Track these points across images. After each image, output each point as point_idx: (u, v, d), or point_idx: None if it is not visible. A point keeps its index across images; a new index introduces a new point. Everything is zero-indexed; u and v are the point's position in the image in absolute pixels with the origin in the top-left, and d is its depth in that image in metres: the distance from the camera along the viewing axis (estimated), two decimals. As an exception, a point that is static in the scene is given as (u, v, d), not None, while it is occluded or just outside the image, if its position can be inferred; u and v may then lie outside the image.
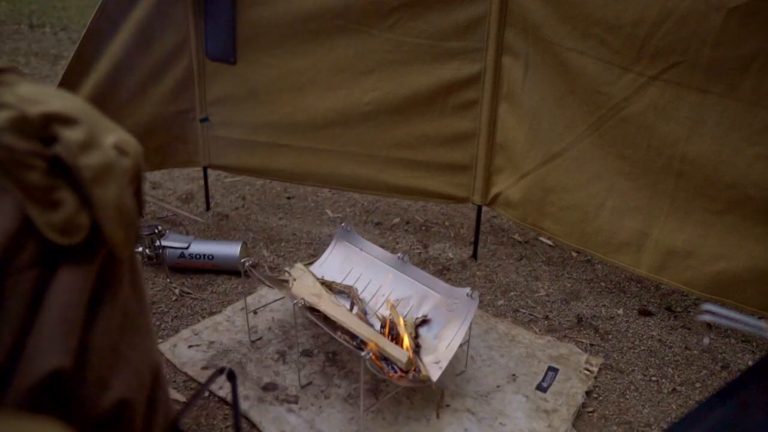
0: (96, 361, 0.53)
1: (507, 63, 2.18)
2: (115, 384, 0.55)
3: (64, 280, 0.52)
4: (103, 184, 0.51)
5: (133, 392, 0.57)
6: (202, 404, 1.71)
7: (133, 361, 0.58)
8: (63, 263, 0.52)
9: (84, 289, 0.53)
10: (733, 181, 1.74)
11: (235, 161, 2.66)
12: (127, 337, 0.57)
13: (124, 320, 0.57)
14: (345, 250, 2.05)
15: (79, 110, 0.53)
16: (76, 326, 0.52)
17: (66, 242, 0.51)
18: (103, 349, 0.54)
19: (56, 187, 0.50)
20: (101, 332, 0.54)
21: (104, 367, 0.54)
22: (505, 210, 2.37)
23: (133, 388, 0.57)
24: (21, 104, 0.49)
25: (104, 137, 0.53)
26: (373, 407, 1.67)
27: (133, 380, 0.57)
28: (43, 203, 0.49)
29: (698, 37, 1.68)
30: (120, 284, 0.57)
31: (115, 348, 0.56)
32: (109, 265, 0.56)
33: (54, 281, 0.52)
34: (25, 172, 0.49)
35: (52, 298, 0.51)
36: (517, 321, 2.14)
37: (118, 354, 0.56)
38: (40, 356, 0.50)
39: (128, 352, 0.57)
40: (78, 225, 0.51)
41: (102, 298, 0.55)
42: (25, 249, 0.50)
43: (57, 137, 0.50)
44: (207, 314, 2.11)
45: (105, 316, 0.55)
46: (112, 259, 0.56)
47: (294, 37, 2.34)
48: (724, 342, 2.06)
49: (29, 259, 0.50)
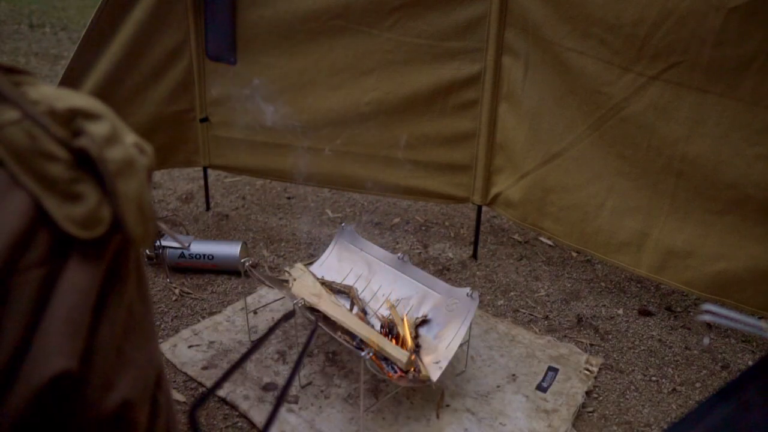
0: (101, 362, 0.53)
1: (507, 63, 2.18)
2: (119, 385, 0.55)
3: (71, 280, 0.52)
4: (126, 178, 0.52)
5: (137, 393, 0.57)
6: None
7: (138, 362, 0.58)
8: (71, 262, 0.52)
9: (91, 290, 0.53)
10: (733, 181, 1.74)
11: (235, 161, 2.66)
12: (132, 338, 0.57)
13: (130, 321, 0.57)
14: (345, 250, 2.05)
15: (102, 108, 0.54)
16: (82, 327, 0.52)
17: (86, 236, 0.51)
18: (108, 349, 0.54)
19: (79, 179, 0.50)
20: (107, 333, 0.54)
21: (109, 367, 0.54)
22: (505, 210, 2.37)
23: (137, 389, 0.57)
24: (47, 100, 0.50)
25: (125, 135, 0.54)
26: (373, 407, 1.67)
27: (138, 381, 0.57)
28: (64, 196, 0.49)
29: (698, 37, 1.68)
30: (126, 285, 0.57)
31: (120, 349, 0.56)
32: (115, 265, 0.56)
33: (61, 281, 0.52)
34: (48, 164, 0.49)
35: (59, 298, 0.51)
36: (517, 321, 2.14)
37: (122, 355, 0.56)
38: (46, 358, 0.50)
39: (133, 353, 0.57)
40: (99, 218, 0.51)
41: (108, 299, 0.55)
42: (34, 247, 0.50)
43: (82, 130, 0.51)
44: (207, 314, 2.11)
45: (111, 317, 0.55)
46: (119, 260, 0.56)
47: (294, 37, 2.34)
48: (724, 342, 2.06)
49: (37, 258, 0.50)
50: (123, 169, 0.52)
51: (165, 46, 2.40)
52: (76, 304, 0.52)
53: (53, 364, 0.49)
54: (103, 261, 0.54)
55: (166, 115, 2.51)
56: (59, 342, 0.50)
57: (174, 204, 2.95)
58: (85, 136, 0.51)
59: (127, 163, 0.52)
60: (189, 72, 2.49)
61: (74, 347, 0.51)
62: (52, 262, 0.51)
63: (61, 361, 0.50)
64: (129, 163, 0.52)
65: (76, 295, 0.52)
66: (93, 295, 0.53)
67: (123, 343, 0.56)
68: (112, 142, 0.51)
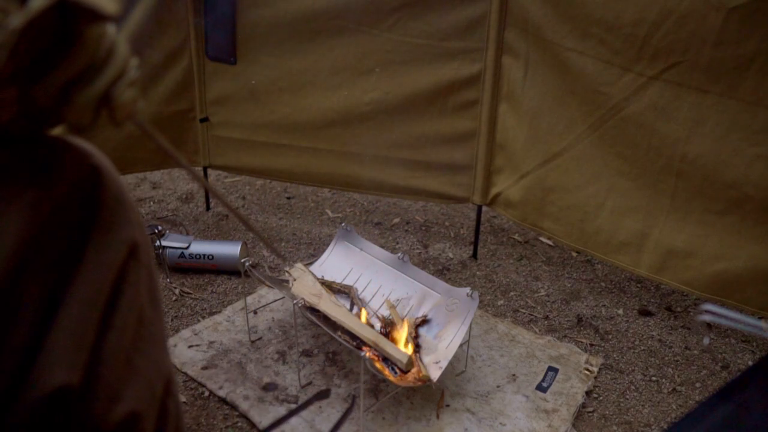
0: (107, 373, 0.52)
1: (507, 63, 2.18)
2: (126, 396, 0.53)
3: (78, 290, 0.51)
4: None
5: (144, 404, 0.55)
6: (201, 404, 1.71)
7: (146, 372, 0.56)
8: (80, 269, 0.52)
9: (98, 300, 0.52)
10: (733, 181, 1.74)
11: (235, 161, 2.66)
12: (141, 346, 0.56)
13: (140, 328, 0.56)
14: (345, 250, 2.06)
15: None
16: (86, 340, 0.50)
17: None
18: (116, 360, 0.53)
19: None
20: (115, 342, 0.53)
21: (116, 379, 0.53)
22: (505, 210, 2.37)
23: (145, 400, 0.55)
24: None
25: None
26: (373, 407, 1.67)
27: (145, 392, 0.56)
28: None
29: (698, 37, 1.68)
30: (138, 291, 0.56)
31: (129, 359, 0.54)
32: (127, 270, 0.55)
33: (68, 290, 0.51)
34: None
35: (65, 309, 0.50)
36: (517, 321, 2.14)
37: (130, 365, 0.54)
38: (50, 371, 0.49)
39: (141, 363, 0.56)
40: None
41: (118, 304, 0.54)
42: (41, 254, 0.50)
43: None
44: (207, 314, 2.11)
45: (120, 325, 0.54)
46: (131, 264, 0.55)
47: (294, 37, 2.34)
48: (724, 342, 2.06)
49: (44, 265, 0.50)
50: None
51: (165, 46, 2.40)
52: (83, 315, 0.51)
53: (56, 377, 0.48)
54: (113, 266, 0.53)
55: (166, 115, 2.52)
56: (61, 356, 0.49)
57: (174, 204, 2.95)
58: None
59: None
60: (189, 72, 2.49)
61: (78, 360, 0.50)
62: (60, 269, 0.50)
63: (63, 375, 0.49)
64: None
65: (82, 306, 0.51)
66: (101, 303, 0.52)
67: (131, 353, 0.54)
68: None
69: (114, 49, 0.54)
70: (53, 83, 0.51)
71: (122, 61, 0.55)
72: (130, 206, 0.59)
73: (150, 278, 0.59)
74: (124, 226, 0.56)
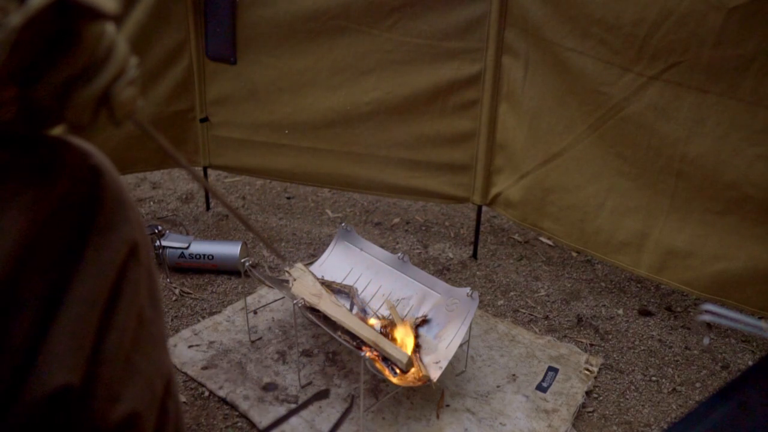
0: (107, 374, 0.52)
1: (507, 63, 2.18)
2: (126, 396, 0.53)
3: (78, 290, 0.51)
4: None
5: (144, 404, 0.55)
6: (201, 404, 1.71)
7: (146, 372, 0.56)
8: (80, 268, 0.51)
9: (98, 300, 0.52)
10: (733, 181, 1.74)
11: (235, 161, 2.66)
12: (141, 346, 0.56)
13: (139, 329, 0.56)
14: (345, 250, 2.06)
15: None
16: (86, 340, 0.50)
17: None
18: (116, 360, 0.53)
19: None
20: (115, 342, 0.53)
21: (116, 379, 0.53)
22: (505, 210, 2.37)
23: (145, 400, 0.55)
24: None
25: None
26: (373, 407, 1.67)
27: (145, 392, 0.56)
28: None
29: (698, 37, 1.68)
30: (137, 291, 0.56)
31: (128, 359, 0.54)
32: (127, 269, 0.55)
33: (68, 290, 0.51)
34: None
35: (65, 309, 0.50)
36: (517, 321, 2.14)
37: (130, 365, 0.54)
38: (49, 371, 0.49)
39: (141, 363, 0.56)
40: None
41: (118, 305, 0.54)
42: (41, 254, 0.50)
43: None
44: (207, 314, 2.11)
45: (120, 325, 0.54)
46: (131, 264, 0.55)
47: (294, 37, 2.34)
48: (724, 342, 2.06)
49: (44, 265, 0.50)
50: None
51: (165, 46, 2.40)
52: (83, 315, 0.50)
53: (56, 377, 0.48)
54: (113, 266, 0.53)
55: (166, 115, 2.52)
56: (61, 356, 0.49)
57: (174, 204, 2.95)
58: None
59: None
60: (189, 72, 2.49)
61: (77, 361, 0.50)
62: (60, 269, 0.50)
63: (63, 375, 0.49)
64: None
65: (82, 306, 0.50)
66: (101, 304, 0.52)
67: (131, 353, 0.54)
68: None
69: (113, 47, 0.54)
70: (52, 82, 0.51)
71: (121, 60, 0.55)
72: (130, 206, 0.58)
73: (150, 278, 0.59)
74: (124, 226, 0.56)
